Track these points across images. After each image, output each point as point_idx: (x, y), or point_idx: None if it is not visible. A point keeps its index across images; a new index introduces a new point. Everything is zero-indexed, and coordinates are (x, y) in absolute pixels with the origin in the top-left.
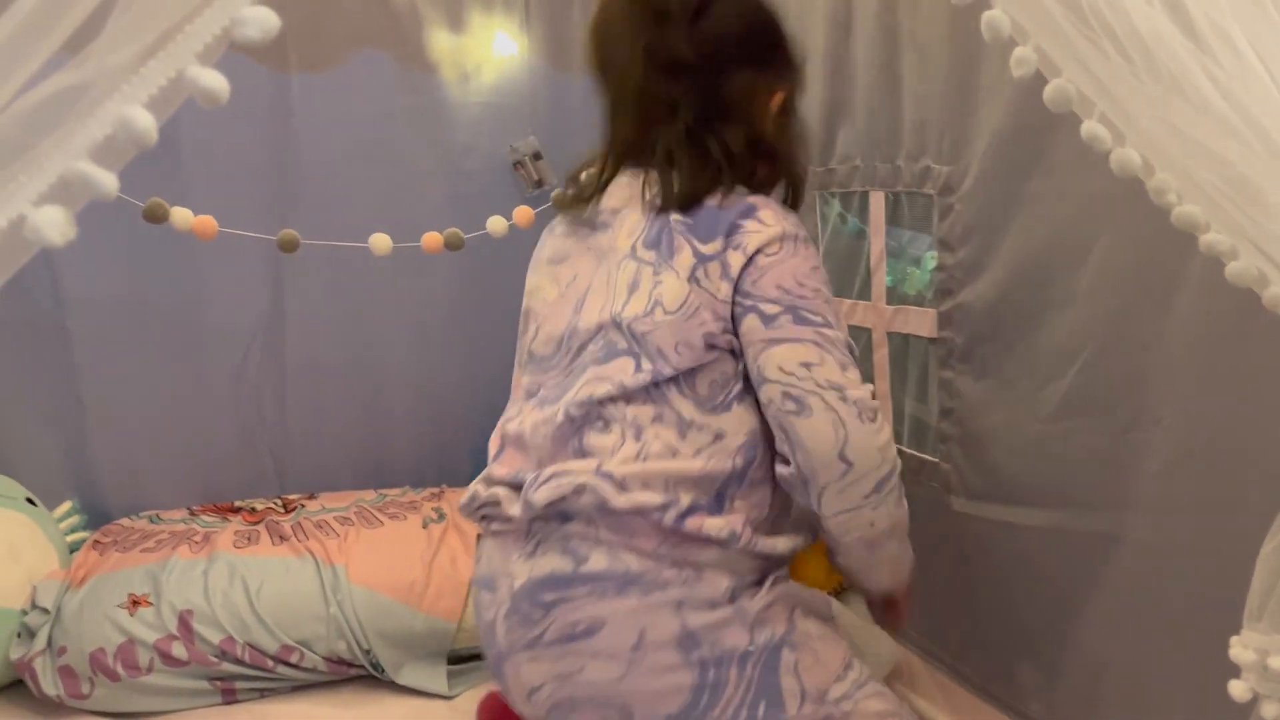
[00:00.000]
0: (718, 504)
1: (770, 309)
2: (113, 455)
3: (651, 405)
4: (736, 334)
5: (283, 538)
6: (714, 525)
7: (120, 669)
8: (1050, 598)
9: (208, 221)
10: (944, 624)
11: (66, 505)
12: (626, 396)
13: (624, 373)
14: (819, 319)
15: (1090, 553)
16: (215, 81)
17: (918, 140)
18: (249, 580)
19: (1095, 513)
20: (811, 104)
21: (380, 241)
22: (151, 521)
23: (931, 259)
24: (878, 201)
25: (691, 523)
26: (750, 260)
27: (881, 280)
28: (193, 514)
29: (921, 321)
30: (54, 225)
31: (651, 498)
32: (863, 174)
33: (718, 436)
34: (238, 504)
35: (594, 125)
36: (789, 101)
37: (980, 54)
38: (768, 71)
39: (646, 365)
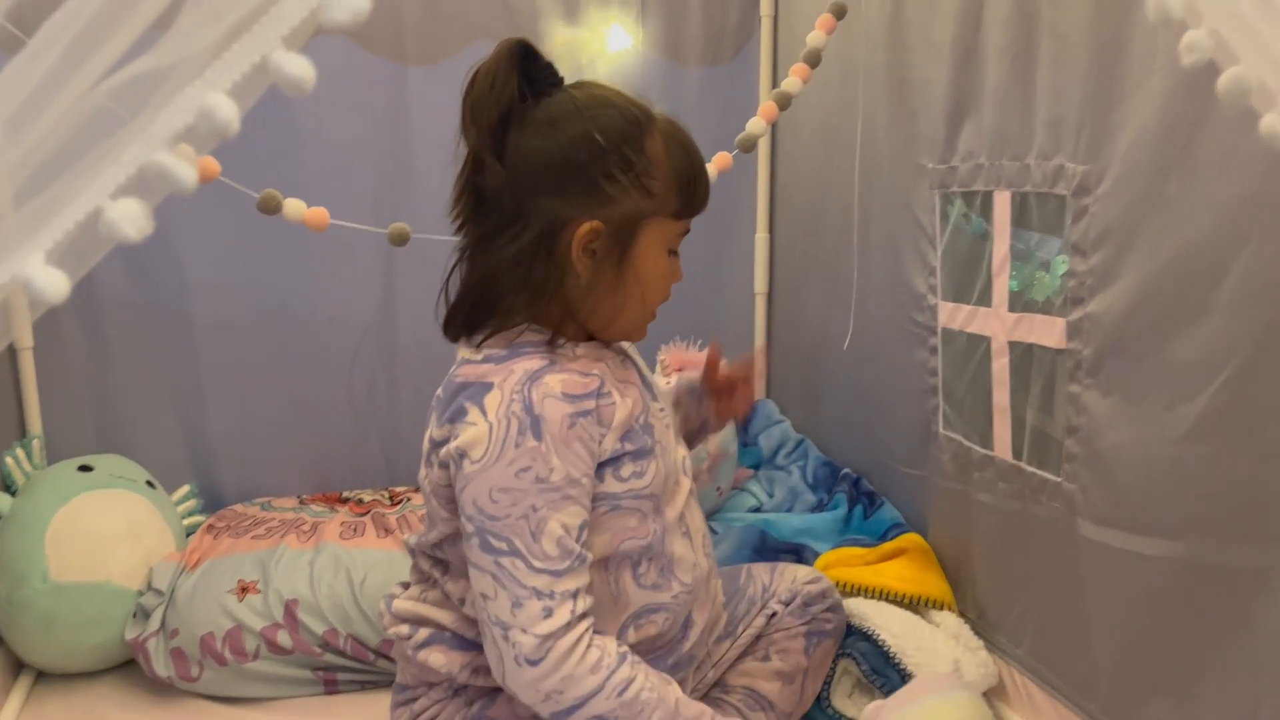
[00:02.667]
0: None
1: (467, 526)
2: (229, 442)
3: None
4: None
5: (387, 530)
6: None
7: (228, 654)
8: (1183, 636)
9: (320, 213)
10: (1068, 653)
11: (185, 489)
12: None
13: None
14: (503, 546)
15: (1230, 590)
16: (301, 69)
17: (1052, 137)
18: (354, 572)
19: (1237, 546)
20: (934, 98)
21: None
22: (263, 509)
23: (1063, 263)
24: (1002, 202)
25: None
26: (459, 465)
27: (1004, 285)
28: (302, 503)
29: (1048, 331)
30: (130, 219)
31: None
32: (987, 173)
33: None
34: (346, 494)
35: (710, 118)
36: (597, 238)
37: (1126, 43)
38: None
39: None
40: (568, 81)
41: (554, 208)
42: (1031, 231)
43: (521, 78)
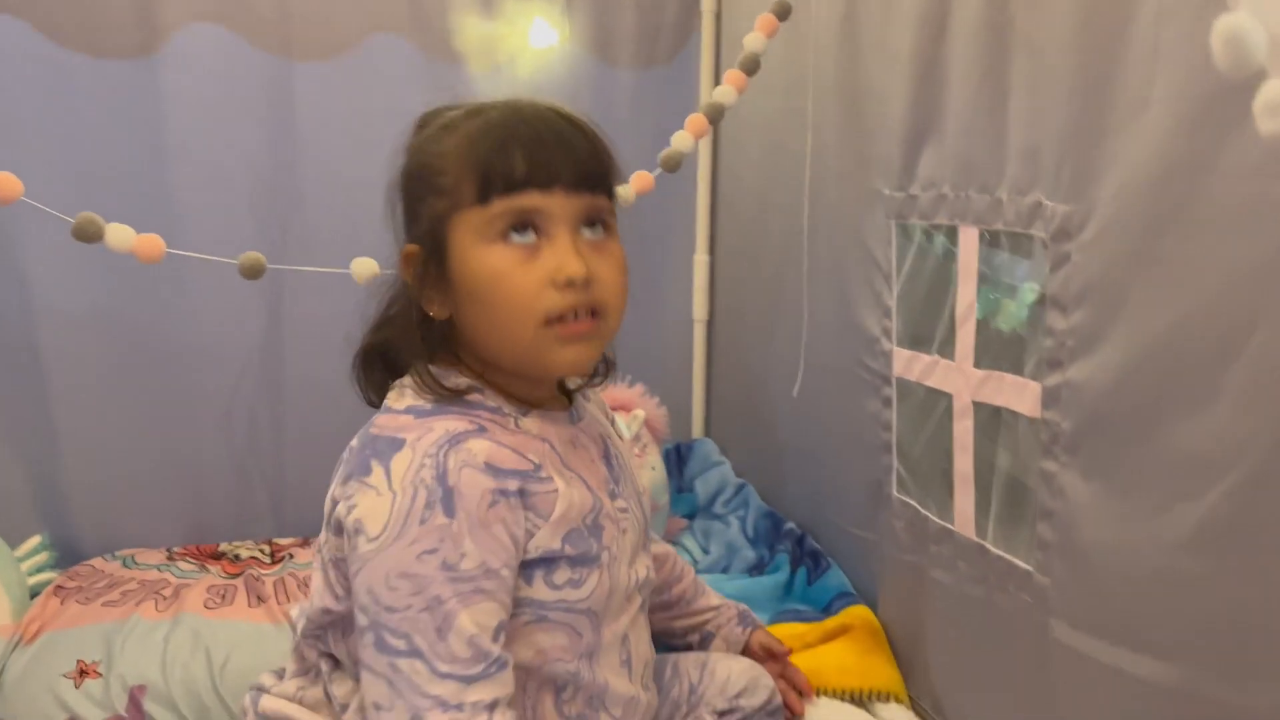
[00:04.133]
0: None
1: (361, 618)
2: (88, 485)
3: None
4: None
5: (260, 598)
6: None
7: None
8: None
9: (152, 241)
10: None
11: (34, 540)
12: None
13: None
14: (401, 645)
15: None
16: None
17: (1026, 169)
18: (214, 651)
19: (1241, 681)
20: (891, 116)
21: (364, 267)
22: (125, 565)
23: (1031, 291)
24: (969, 239)
25: None
26: (354, 542)
27: (969, 336)
28: (171, 558)
29: (1020, 395)
30: None
31: None
32: (951, 205)
33: None
34: (222, 548)
35: (642, 127)
36: (414, 260)
37: (1117, 67)
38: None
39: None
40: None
41: (396, 247)
42: (1000, 250)
43: None
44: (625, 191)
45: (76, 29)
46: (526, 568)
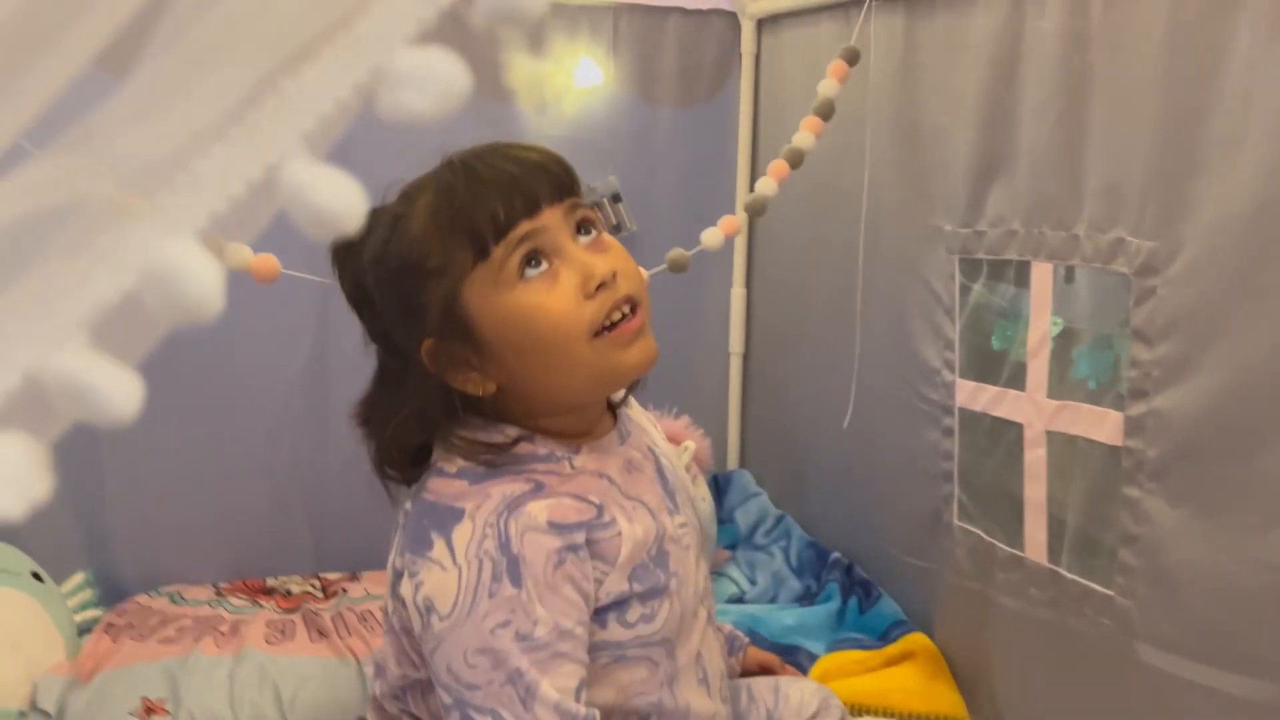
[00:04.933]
0: None
1: (444, 696)
2: (131, 520)
3: None
4: None
5: (322, 633)
6: None
7: None
8: None
9: (268, 261)
10: None
11: (78, 577)
12: None
13: None
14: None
15: None
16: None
17: (1106, 206)
18: (282, 686)
19: None
20: (955, 154)
21: None
22: (173, 601)
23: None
24: (1042, 274)
25: None
26: (426, 621)
27: (1041, 368)
28: (220, 594)
29: (1099, 424)
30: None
31: None
32: (1022, 241)
33: None
34: (270, 583)
35: (683, 164)
36: (440, 351)
37: (1208, 106)
38: None
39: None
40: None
41: (407, 347)
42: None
43: None
44: (714, 236)
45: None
46: (599, 614)
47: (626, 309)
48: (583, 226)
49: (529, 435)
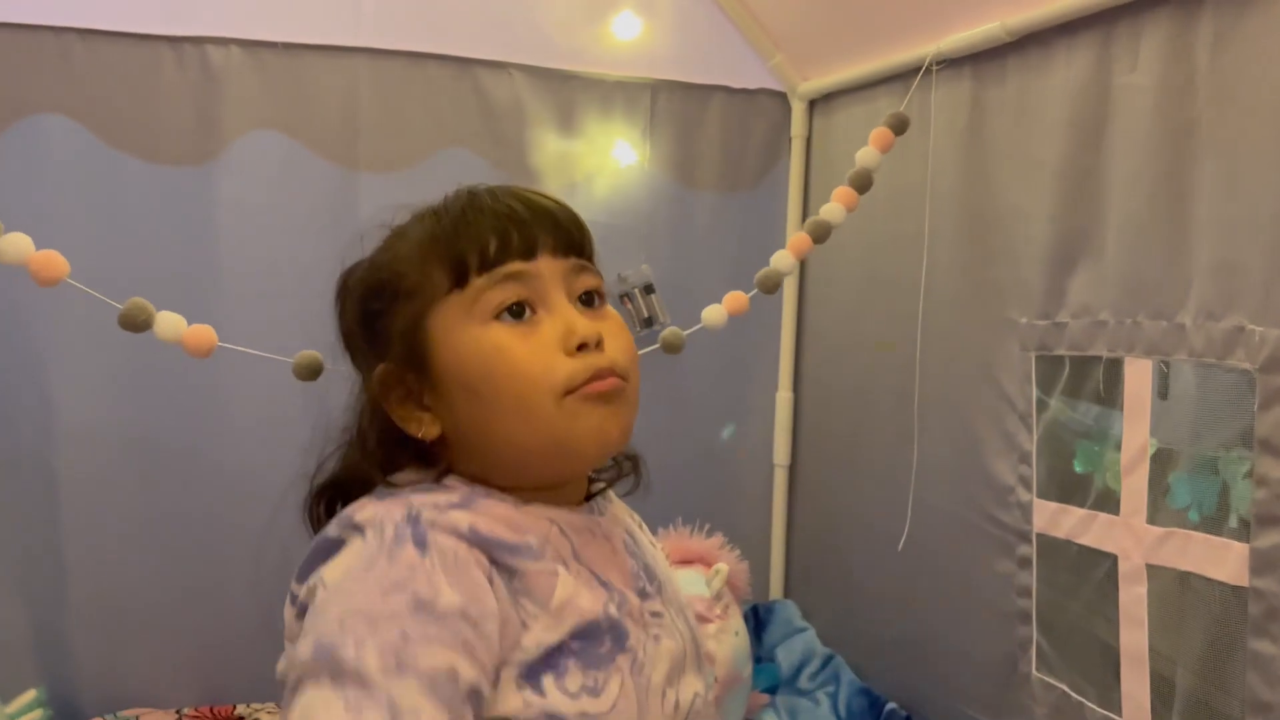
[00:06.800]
0: None
1: (292, 677)
2: (93, 634)
3: None
4: None
5: None
6: None
7: None
8: None
9: (203, 332)
10: None
11: (30, 695)
12: None
13: None
14: (326, 680)
15: None
16: None
17: (1220, 288)
18: None
19: None
20: (1030, 234)
21: None
22: None
23: (1241, 461)
24: (1139, 373)
25: None
26: (311, 604)
27: (1140, 486)
28: None
29: (1217, 558)
30: None
31: None
32: (1113, 333)
33: None
34: (240, 711)
35: (724, 253)
36: (392, 377)
37: None
38: None
39: None
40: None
41: (365, 375)
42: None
43: None
44: (717, 313)
45: (133, 133)
46: (532, 673)
47: (607, 373)
48: (586, 297)
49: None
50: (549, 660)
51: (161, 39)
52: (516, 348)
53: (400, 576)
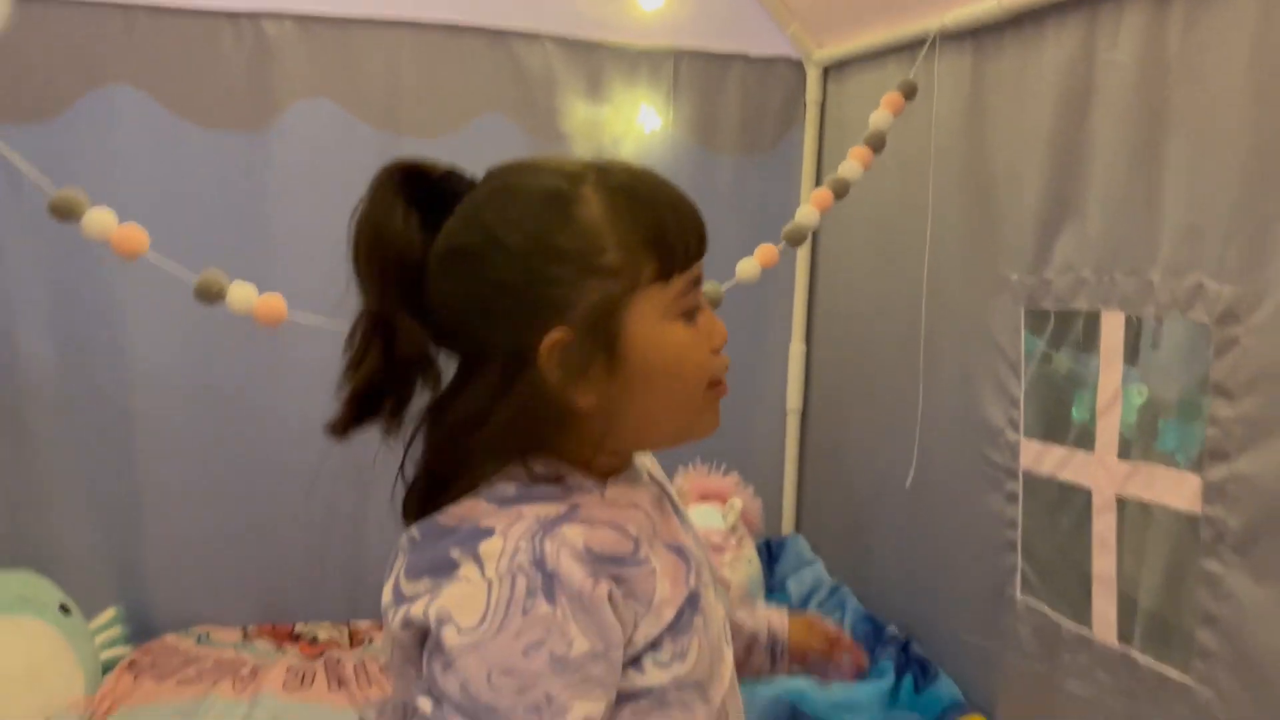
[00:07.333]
0: None
1: (450, 717)
2: (166, 559)
3: None
4: None
5: (341, 681)
6: None
7: None
8: None
9: (274, 303)
10: None
11: (109, 613)
12: None
13: None
14: None
15: None
16: None
17: (1185, 249)
18: None
19: None
20: (1023, 198)
21: None
22: (199, 642)
23: (1139, 394)
24: (1113, 325)
25: None
26: (438, 635)
27: (1113, 425)
28: (247, 637)
29: (1175, 488)
30: None
31: None
32: (1093, 289)
33: None
34: (298, 629)
35: (740, 210)
36: (568, 350)
37: None
38: None
39: None
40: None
41: (506, 341)
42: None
43: (419, 206)
44: (750, 267)
45: (194, 102)
46: (635, 661)
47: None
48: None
49: (566, 470)
50: (650, 645)
51: (220, 14)
52: (698, 348)
53: (537, 637)
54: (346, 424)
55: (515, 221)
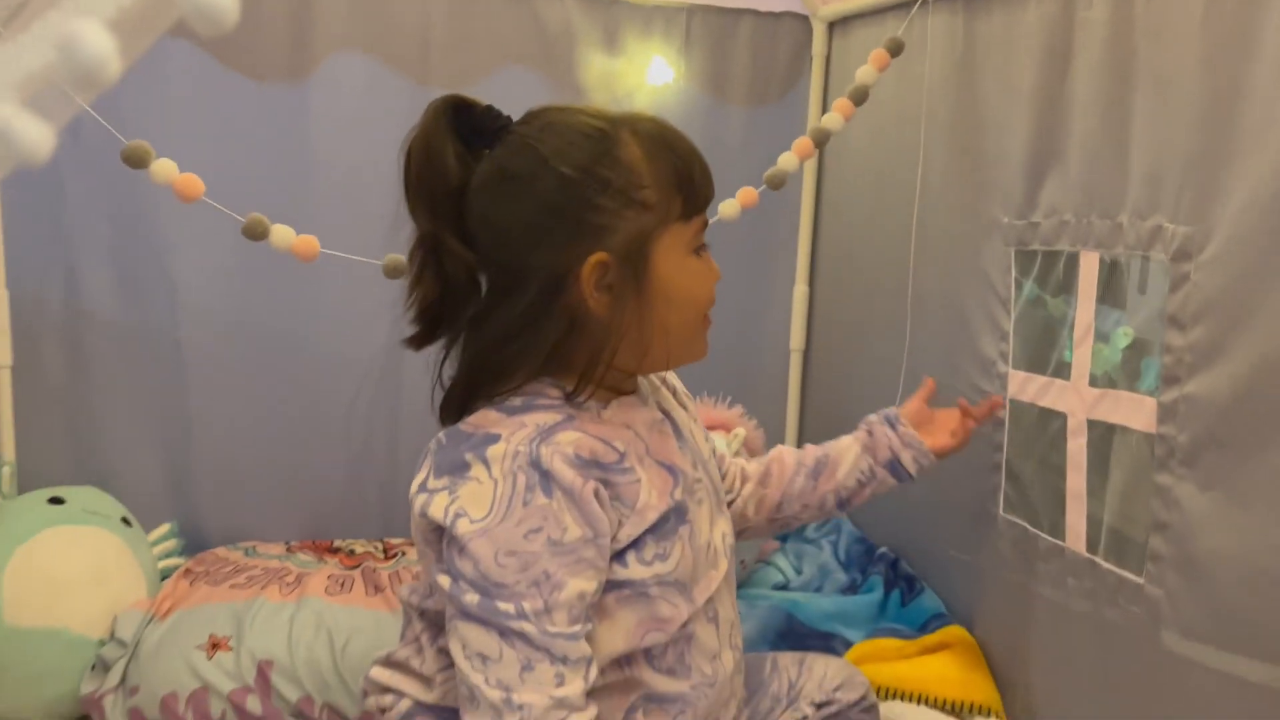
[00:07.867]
0: None
1: (467, 594)
2: (215, 479)
3: None
4: None
5: (378, 588)
6: None
7: (191, 717)
8: None
9: (309, 241)
10: None
11: (165, 528)
12: None
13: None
14: (510, 609)
15: None
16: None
17: (1148, 194)
18: (335, 633)
19: None
20: (1012, 148)
21: None
22: (247, 554)
23: (1125, 335)
24: (1089, 264)
25: None
26: (453, 525)
27: (1085, 357)
28: (290, 550)
29: (1135, 411)
30: None
31: None
32: (1072, 231)
33: None
34: (337, 544)
35: (751, 160)
36: (607, 271)
37: (1242, 93)
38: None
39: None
40: (584, 111)
41: (547, 260)
42: (1118, 301)
43: (461, 137)
44: (731, 207)
45: (241, 54)
46: (619, 555)
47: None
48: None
49: (577, 389)
50: (633, 543)
51: None
52: (707, 279)
53: (536, 524)
54: (420, 339)
55: (565, 153)
